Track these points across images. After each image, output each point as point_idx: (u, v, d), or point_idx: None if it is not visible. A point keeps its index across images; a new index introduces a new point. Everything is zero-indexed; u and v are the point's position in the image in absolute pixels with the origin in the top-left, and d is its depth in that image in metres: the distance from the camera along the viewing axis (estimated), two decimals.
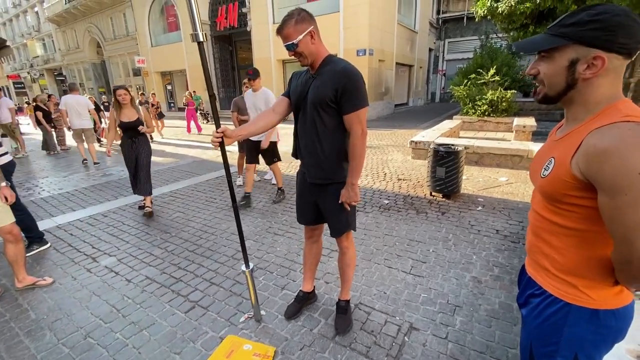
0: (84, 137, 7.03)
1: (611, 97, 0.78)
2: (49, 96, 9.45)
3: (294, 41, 1.53)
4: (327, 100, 1.60)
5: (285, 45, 1.57)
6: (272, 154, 4.25)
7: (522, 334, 1.03)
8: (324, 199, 1.81)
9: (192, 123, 11.59)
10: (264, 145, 4.00)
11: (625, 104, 0.77)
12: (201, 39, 1.50)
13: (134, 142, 3.86)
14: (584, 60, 0.75)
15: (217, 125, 1.59)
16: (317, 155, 1.71)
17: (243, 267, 1.95)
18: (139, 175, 3.92)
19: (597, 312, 0.84)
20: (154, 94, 12.11)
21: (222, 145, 1.64)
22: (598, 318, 0.85)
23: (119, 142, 4.34)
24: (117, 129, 3.86)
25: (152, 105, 10.78)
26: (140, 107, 3.91)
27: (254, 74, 3.87)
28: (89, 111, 7.01)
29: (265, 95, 3.94)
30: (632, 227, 0.69)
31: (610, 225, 0.73)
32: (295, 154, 1.89)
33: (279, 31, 1.56)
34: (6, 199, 2.28)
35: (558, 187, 0.81)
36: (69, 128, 7.29)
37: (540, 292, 0.94)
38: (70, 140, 9.40)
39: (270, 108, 1.82)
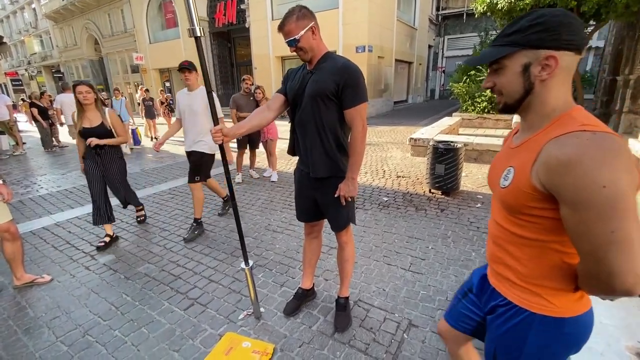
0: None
1: (565, 103, 0.79)
2: (42, 93, 9.42)
3: (296, 37, 1.55)
4: (327, 92, 1.60)
5: (286, 41, 1.59)
6: (195, 169, 3.26)
7: (486, 341, 1.02)
8: (323, 194, 1.81)
9: None
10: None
11: (579, 112, 0.77)
12: (198, 34, 1.49)
13: (99, 155, 3.04)
14: (537, 62, 0.76)
15: (215, 122, 1.59)
16: (317, 149, 1.71)
17: (242, 265, 1.95)
18: (118, 192, 3.30)
19: (560, 320, 0.84)
20: (162, 90, 11.58)
21: (222, 146, 1.66)
22: (562, 326, 0.85)
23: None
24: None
25: (162, 102, 10.41)
26: (108, 110, 3.05)
27: (190, 65, 3.09)
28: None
29: (206, 96, 3.21)
30: (599, 244, 0.67)
31: (576, 239, 0.72)
32: (292, 151, 1.88)
33: (281, 28, 1.58)
34: (3, 196, 2.27)
35: (518, 199, 0.80)
36: (61, 124, 7.96)
37: (505, 302, 0.93)
38: (63, 137, 9.37)
39: (265, 105, 1.82)
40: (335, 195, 1.75)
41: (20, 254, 2.48)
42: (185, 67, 3.04)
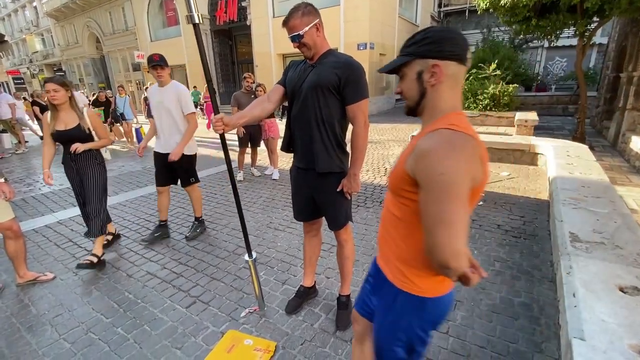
0: None
1: (451, 107, 0.91)
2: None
3: (300, 32, 1.55)
4: (328, 84, 1.60)
5: (290, 37, 1.59)
6: (187, 173, 3.14)
7: (375, 319, 1.13)
8: (321, 193, 1.80)
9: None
10: (173, 157, 2.90)
11: (456, 116, 0.88)
12: (197, 21, 1.49)
13: (74, 161, 2.69)
14: (427, 70, 0.89)
15: (216, 112, 1.59)
16: (317, 142, 1.69)
17: (246, 257, 1.95)
18: (88, 204, 2.75)
19: (423, 300, 0.96)
20: (194, 87, 11.24)
21: (222, 135, 1.64)
22: (422, 304, 0.97)
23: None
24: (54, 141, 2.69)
25: None
26: (86, 110, 2.72)
27: (161, 60, 2.83)
28: (84, 106, 7.33)
29: (177, 91, 2.91)
30: (432, 221, 0.79)
31: (421, 217, 0.83)
32: (287, 147, 1.86)
33: (285, 23, 1.59)
34: (6, 194, 2.27)
35: (397, 181, 0.93)
36: None
37: (384, 278, 1.05)
38: None
39: (265, 96, 1.80)
40: (338, 190, 1.75)
41: (23, 252, 2.49)
42: (158, 64, 2.80)
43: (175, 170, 3.12)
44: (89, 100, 9.10)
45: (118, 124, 8.61)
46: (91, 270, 2.67)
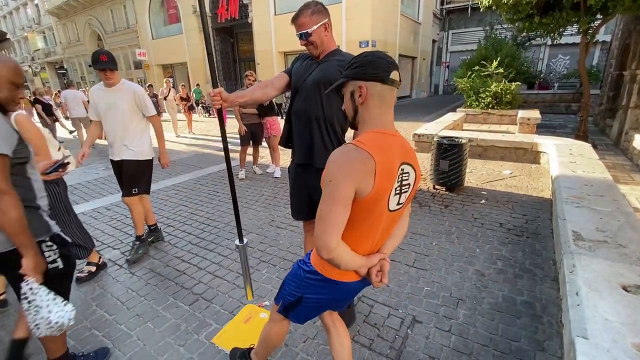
0: (82, 125, 8.04)
1: (377, 124, 1.03)
2: (57, 92, 9.56)
3: (308, 30, 1.55)
4: (332, 82, 1.57)
5: (298, 34, 1.59)
6: (130, 180, 2.74)
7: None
8: (319, 190, 1.78)
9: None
10: (165, 164, 2.82)
11: (370, 134, 1.01)
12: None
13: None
14: (357, 90, 1.03)
15: (215, 85, 1.58)
16: (317, 138, 1.68)
17: (237, 242, 1.93)
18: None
19: (325, 278, 1.16)
20: (183, 85, 10.89)
21: (219, 111, 1.63)
22: (324, 282, 1.18)
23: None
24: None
25: (182, 99, 10.01)
26: (16, 115, 1.86)
27: (110, 62, 2.47)
28: (83, 103, 7.94)
29: (133, 92, 2.60)
30: (319, 216, 1.00)
31: None
32: (285, 142, 1.84)
33: (295, 19, 1.59)
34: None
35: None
36: (66, 118, 8.48)
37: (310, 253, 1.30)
38: (59, 132, 9.39)
39: (269, 80, 1.79)
40: None
41: None
42: (107, 66, 2.45)
43: (124, 177, 2.74)
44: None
45: None
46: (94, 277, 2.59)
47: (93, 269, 2.60)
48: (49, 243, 1.45)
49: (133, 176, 2.75)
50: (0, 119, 1.25)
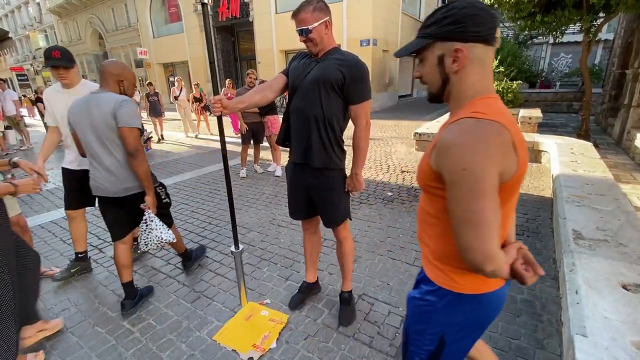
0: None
1: (481, 90, 0.81)
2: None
3: (309, 27, 1.54)
4: (332, 80, 1.59)
5: (298, 30, 1.57)
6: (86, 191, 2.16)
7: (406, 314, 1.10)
8: (317, 189, 1.79)
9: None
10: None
11: (482, 101, 0.79)
12: (205, 0, 1.51)
13: None
14: (449, 54, 0.79)
15: (215, 92, 1.60)
16: (315, 137, 1.67)
17: (232, 248, 1.96)
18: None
19: (460, 295, 0.90)
20: (197, 84, 10.45)
21: (220, 118, 1.64)
22: (461, 301, 0.90)
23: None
24: None
25: (196, 99, 9.55)
26: None
27: (64, 59, 2.24)
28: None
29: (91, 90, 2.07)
30: (458, 221, 0.74)
31: (450, 217, 0.78)
32: (282, 141, 1.83)
33: (295, 15, 1.58)
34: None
35: (423, 176, 0.88)
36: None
37: (423, 276, 1.02)
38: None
39: (267, 83, 1.78)
40: (346, 190, 1.77)
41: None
42: (60, 63, 2.21)
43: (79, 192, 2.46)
44: None
45: None
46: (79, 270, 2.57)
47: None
48: (160, 187, 2.26)
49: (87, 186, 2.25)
50: (132, 104, 1.91)
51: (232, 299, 2.26)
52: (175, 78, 9.78)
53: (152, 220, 2.04)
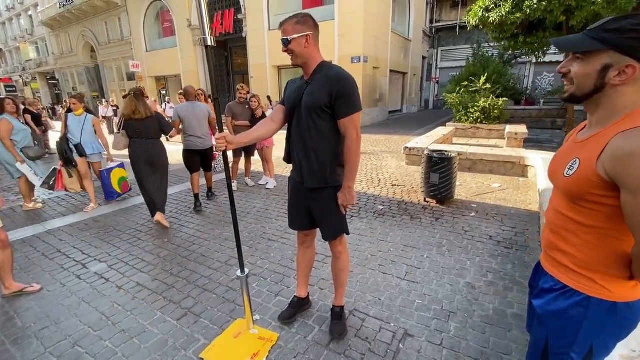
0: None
1: (635, 103, 0.82)
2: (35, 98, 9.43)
3: (288, 37, 1.60)
4: (321, 105, 1.63)
5: (281, 39, 1.64)
6: None
7: (536, 329, 1.05)
8: (317, 204, 1.82)
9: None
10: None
11: None
12: (209, 43, 1.56)
13: None
14: (617, 67, 0.78)
15: (220, 130, 1.62)
16: (312, 160, 1.73)
17: (238, 273, 1.93)
18: None
19: (615, 304, 0.89)
20: (201, 92, 10.10)
21: (224, 152, 1.68)
22: (616, 310, 0.89)
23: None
24: None
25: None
26: None
27: None
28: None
29: None
30: None
31: (632, 222, 0.77)
32: (288, 159, 1.89)
33: (281, 25, 1.64)
34: None
35: (583, 186, 0.85)
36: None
37: (560, 286, 0.97)
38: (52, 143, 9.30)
39: (269, 117, 1.86)
40: (336, 205, 1.77)
41: (10, 262, 2.43)
42: None
43: None
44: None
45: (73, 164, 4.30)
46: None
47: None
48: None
49: None
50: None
51: (220, 316, 2.20)
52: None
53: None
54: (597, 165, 0.80)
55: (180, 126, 4.11)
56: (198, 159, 4.29)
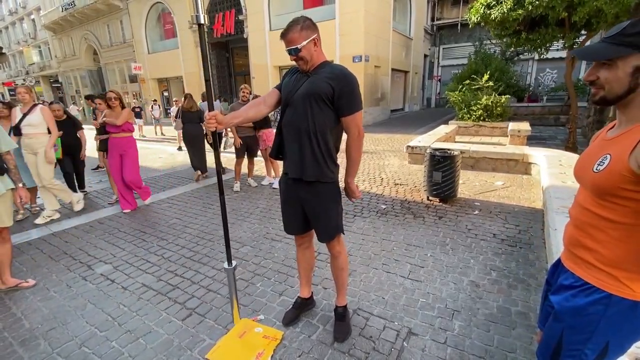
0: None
1: None
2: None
3: (298, 46, 1.58)
4: (322, 94, 1.62)
5: (287, 49, 1.61)
6: None
7: (551, 325, 1.05)
8: (310, 202, 1.79)
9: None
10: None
11: None
12: (202, 21, 1.54)
13: None
14: None
15: (210, 108, 1.62)
16: (307, 150, 1.68)
17: (225, 265, 1.93)
18: None
19: (636, 303, 0.89)
20: (176, 100, 9.91)
21: (214, 133, 1.65)
22: (636, 309, 0.89)
23: None
24: None
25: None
26: None
27: None
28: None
29: None
30: None
31: None
32: (276, 154, 1.84)
33: (283, 35, 1.61)
34: (22, 199, 2.36)
35: (614, 181, 0.85)
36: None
37: (581, 283, 0.97)
38: None
39: (261, 98, 1.83)
40: (334, 200, 1.79)
41: (9, 257, 2.50)
42: None
43: None
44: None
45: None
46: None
47: None
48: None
49: None
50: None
51: (225, 316, 2.22)
52: (174, 99, 9.91)
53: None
54: (629, 159, 0.81)
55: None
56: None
